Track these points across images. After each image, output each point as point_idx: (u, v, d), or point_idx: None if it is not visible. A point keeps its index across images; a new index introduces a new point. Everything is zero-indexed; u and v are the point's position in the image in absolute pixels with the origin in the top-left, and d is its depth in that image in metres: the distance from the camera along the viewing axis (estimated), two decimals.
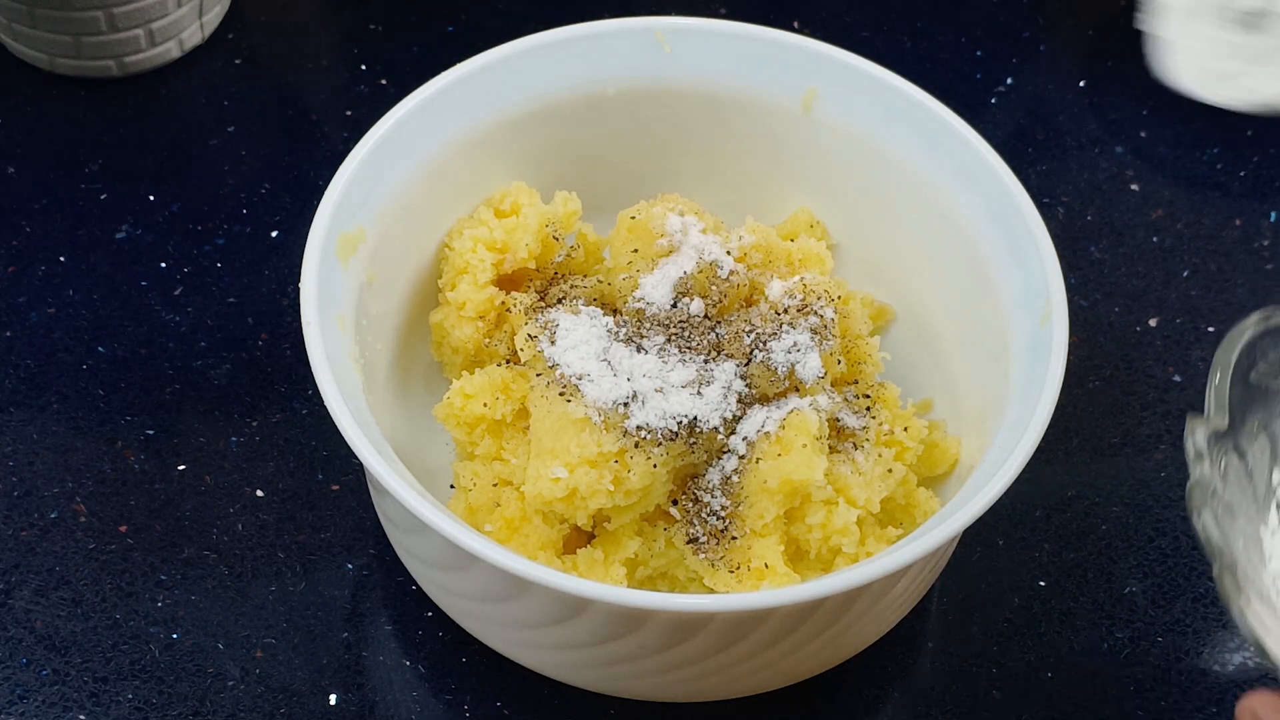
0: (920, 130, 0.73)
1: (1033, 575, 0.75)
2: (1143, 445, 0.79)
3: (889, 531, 0.69)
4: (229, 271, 0.82)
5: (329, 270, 0.67)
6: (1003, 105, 0.92)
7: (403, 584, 0.72)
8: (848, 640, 0.67)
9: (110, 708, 0.69)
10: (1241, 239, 0.87)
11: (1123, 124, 0.92)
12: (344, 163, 0.69)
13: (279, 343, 0.80)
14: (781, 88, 0.75)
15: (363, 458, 0.62)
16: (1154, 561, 0.75)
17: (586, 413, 0.65)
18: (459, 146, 0.73)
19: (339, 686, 0.70)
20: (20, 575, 0.72)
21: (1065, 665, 0.72)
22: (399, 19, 0.94)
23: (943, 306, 0.74)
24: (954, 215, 0.72)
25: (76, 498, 0.74)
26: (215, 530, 0.74)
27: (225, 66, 0.91)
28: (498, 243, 0.72)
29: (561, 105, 0.75)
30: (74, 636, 0.70)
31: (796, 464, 0.65)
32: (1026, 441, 0.63)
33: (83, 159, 0.86)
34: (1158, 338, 0.83)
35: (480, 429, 0.69)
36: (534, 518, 0.67)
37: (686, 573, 0.67)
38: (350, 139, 0.70)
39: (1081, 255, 0.86)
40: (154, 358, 0.79)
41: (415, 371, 0.75)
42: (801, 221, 0.76)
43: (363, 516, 0.74)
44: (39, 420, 0.77)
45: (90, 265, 0.82)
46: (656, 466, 0.65)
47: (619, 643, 0.63)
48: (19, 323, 0.80)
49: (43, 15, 0.85)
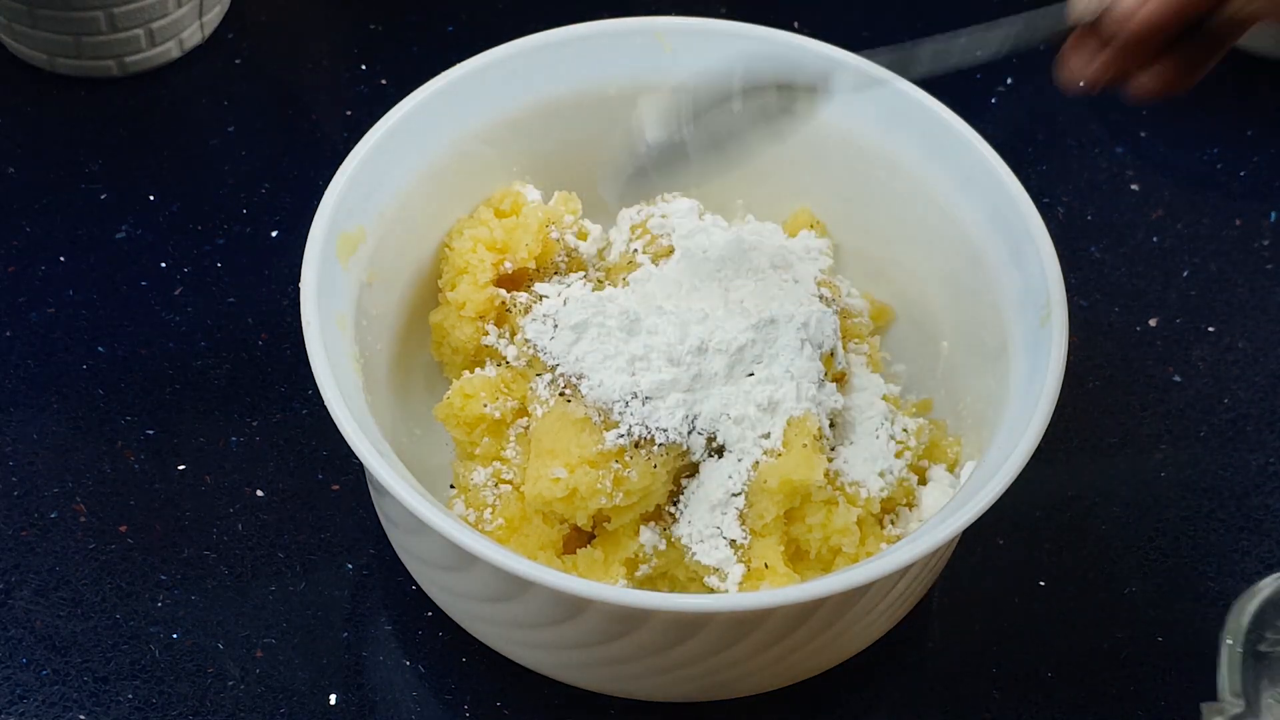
0: (921, 131, 0.73)
1: (1033, 575, 0.74)
2: (1143, 445, 0.79)
3: (889, 531, 0.69)
4: (229, 271, 0.82)
5: (329, 270, 0.67)
6: (1003, 105, 0.92)
7: (403, 584, 0.72)
8: (848, 640, 0.67)
9: (110, 708, 0.69)
10: (1241, 239, 0.87)
11: (1123, 124, 0.92)
12: (344, 163, 0.69)
13: (279, 343, 0.80)
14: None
15: (363, 458, 0.62)
16: (1154, 561, 0.75)
17: (586, 413, 0.65)
18: (459, 146, 0.73)
19: (339, 686, 0.70)
20: (20, 575, 0.72)
21: (1065, 665, 0.72)
22: (399, 19, 0.94)
23: (943, 307, 0.74)
24: (954, 215, 0.72)
25: (76, 498, 0.74)
26: (215, 530, 0.74)
27: (225, 66, 0.91)
28: (498, 243, 0.72)
29: (561, 105, 0.75)
30: (74, 636, 0.70)
31: (797, 464, 0.65)
32: (1026, 441, 0.63)
33: (83, 159, 0.86)
34: (1158, 338, 0.83)
35: (480, 429, 0.69)
36: (534, 518, 0.67)
37: (686, 573, 0.67)
38: (350, 139, 0.70)
39: (1081, 255, 0.86)
40: (154, 358, 0.79)
41: (415, 371, 0.75)
42: (801, 221, 0.76)
43: (363, 516, 0.74)
44: (39, 420, 0.77)
45: (90, 265, 0.82)
46: (656, 467, 0.65)
47: (619, 643, 0.63)
48: (19, 323, 0.80)
49: (43, 15, 0.85)
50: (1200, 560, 0.75)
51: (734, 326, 0.66)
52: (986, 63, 0.63)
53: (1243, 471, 0.78)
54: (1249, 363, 0.82)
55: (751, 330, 0.66)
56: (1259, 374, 0.82)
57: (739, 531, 0.66)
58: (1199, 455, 0.79)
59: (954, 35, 0.63)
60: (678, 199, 0.73)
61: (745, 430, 0.66)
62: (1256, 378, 0.82)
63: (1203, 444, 0.79)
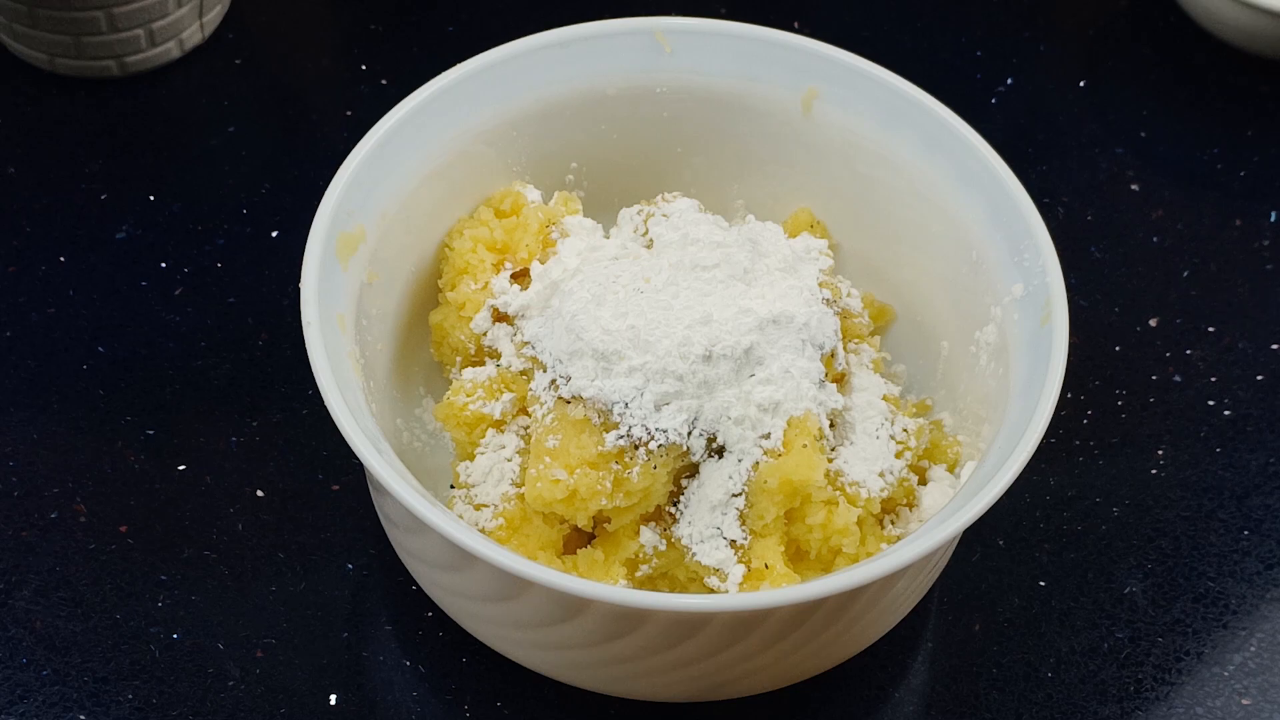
0: (920, 130, 0.73)
1: (1033, 575, 0.75)
2: (1143, 445, 0.79)
3: (889, 531, 0.69)
4: (229, 271, 0.82)
5: (329, 270, 0.67)
6: (1003, 105, 0.92)
7: (403, 584, 0.72)
8: (848, 640, 0.67)
9: (110, 708, 0.69)
10: (1241, 239, 0.87)
11: (1123, 124, 0.92)
12: (344, 163, 0.69)
13: (279, 343, 0.80)
14: (781, 88, 0.75)
15: (363, 458, 0.62)
16: (1154, 561, 0.75)
17: (586, 414, 0.65)
18: (459, 146, 0.73)
19: (339, 686, 0.70)
20: (20, 575, 0.72)
21: (1065, 665, 0.72)
22: (399, 19, 0.94)
23: (943, 307, 0.74)
24: (954, 215, 0.72)
25: (76, 498, 0.74)
26: (215, 530, 0.74)
27: (225, 66, 0.91)
28: (498, 243, 0.72)
29: (561, 105, 0.75)
30: (74, 636, 0.70)
31: (797, 464, 0.65)
32: (1026, 441, 0.63)
33: (83, 159, 0.86)
34: (1158, 338, 0.83)
35: (480, 429, 0.69)
36: (534, 518, 0.67)
37: (686, 573, 0.67)
38: (350, 139, 0.70)
39: (1081, 255, 0.86)
40: (154, 358, 0.79)
41: (415, 371, 0.75)
42: (801, 221, 0.76)
43: (363, 516, 0.74)
44: (39, 420, 0.77)
45: (90, 265, 0.82)
46: (656, 467, 0.65)
47: (619, 643, 0.63)
48: (19, 323, 0.80)
49: (43, 15, 0.85)
50: (1200, 560, 0.75)
51: (738, 328, 0.66)
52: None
53: (1243, 471, 0.78)
54: (1249, 363, 0.82)
55: (755, 332, 0.66)
56: (1259, 374, 0.82)
57: (739, 532, 0.66)
58: (1199, 455, 0.79)
59: None
60: (678, 199, 0.73)
61: (745, 431, 0.66)
62: (1256, 378, 0.82)
63: (1203, 444, 0.79)
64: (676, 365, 0.64)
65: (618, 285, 0.67)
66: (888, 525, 0.70)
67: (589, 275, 0.68)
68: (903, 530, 0.70)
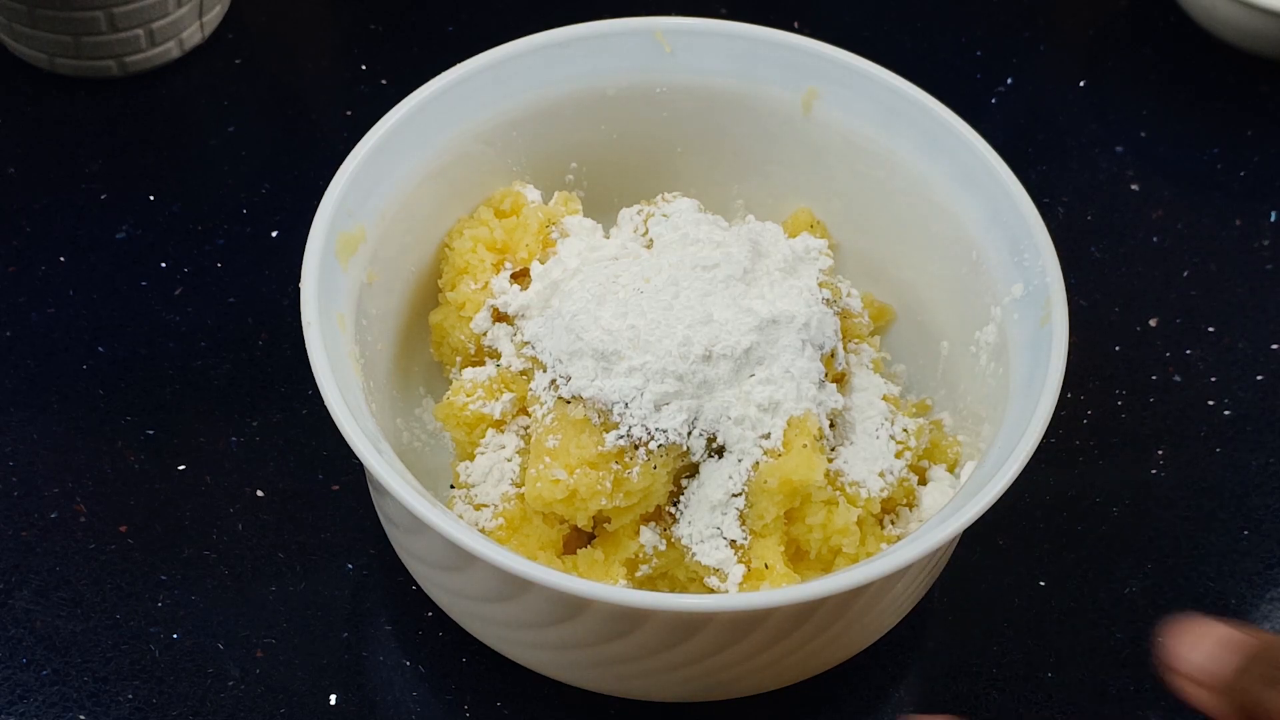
0: (920, 130, 0.73)
1: (1033, 575, 0.75)
2: (1143, 445, 0.79)
3: (889, 531, 0.69)
4: (229, 271, 0.82)
5: (329, 270, 0.67)
6: (1003, 105, 0.92)
7: (403, 584, 0.72)
8: (848, 640, 0.67)
9: (110, 708, 0.69)
10: (1241, 239, 0.88)
11: (1123, 124, 0.92)
12: (344, 163, 0.69)
13: (279, 343, 0.80)
14: (781, 88, 0.75)
15: (363, 458, 0.62)
16: (1154, 561, 0.75)
17: (586, 414, 0.65)
18: (459, 146, 0.73)
19: (339, 686, 0.70)
20: (20, 575, 0.72)
21: (1065, 665, 0.72)
22: (399, 19, 0.94)
23: (943, 307, 0.74)
24: (954, 215, 0.72)
25: (76, 498, 0.74)
26: (215, 530, 0.74)
27: (225, 66, 0.91)
28: (498, 243, 0.72)
29: (561, 105, 0.75)
30: (74, 636, 0.70)
31: (797, 464, 0.65)
32: (1026, 441, 0.63)
33: (83, 159, 0.86)
34: (1158, 338, 0.83)
35: (480, 429, 0.69)
36: (534, 518, 0.67)
37: (686, 573, 0.67)
38: (350, 139, 0.70)
39: (1081, 255, 0.86)
40: (154, 358, 0.79)
41: (415, 371, 0.75)
42: (801, 221, 0.76)
43: (363, 516, 0.74)
44: (39, 420, 0.77)
45: (90, 265, 0.82)
46: (656, 467, 0.65)
47: (619, 643, 0.63)
48: (19, 323, 0.80)
49: (43, 15, 0.85)
50: (1200, 560, 0.75)
51: (738, 328, 0.66)
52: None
53: (1243, 471, 0.78)
54: (1249, 363, 0.82)
55: (755, 332, 0.66)
56: (1259, 374, 0.82)
57: (739, 532, 0.66)
58: (1199, 455, 0.79)
59: None
60: (678, 199, 0.73)
61: (745, 430, 0.66)
62: (1256, 378, 0.82)
63: (1203, 444, 0.79)
64: (676, 365, 0.64)
65: (618, 285, 0.68)
66: (888, 525, 0.70)
67: (589, 275, 0.68)
68: (903, 530, 0.70)
